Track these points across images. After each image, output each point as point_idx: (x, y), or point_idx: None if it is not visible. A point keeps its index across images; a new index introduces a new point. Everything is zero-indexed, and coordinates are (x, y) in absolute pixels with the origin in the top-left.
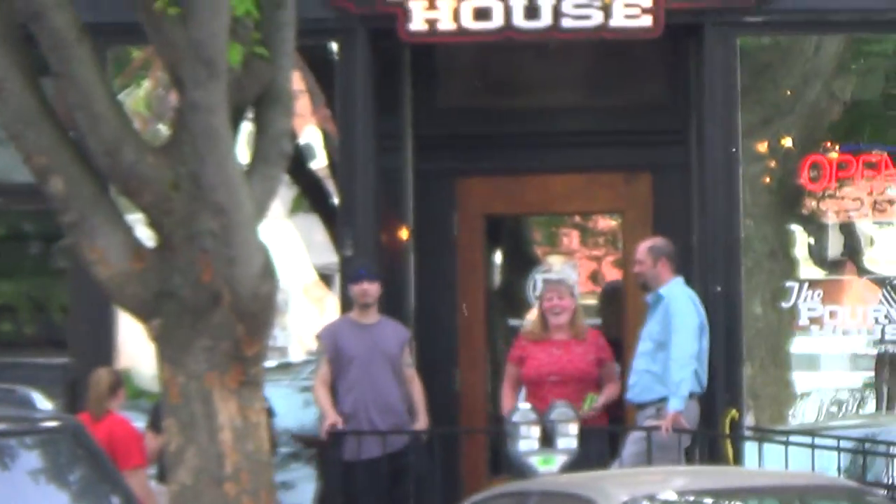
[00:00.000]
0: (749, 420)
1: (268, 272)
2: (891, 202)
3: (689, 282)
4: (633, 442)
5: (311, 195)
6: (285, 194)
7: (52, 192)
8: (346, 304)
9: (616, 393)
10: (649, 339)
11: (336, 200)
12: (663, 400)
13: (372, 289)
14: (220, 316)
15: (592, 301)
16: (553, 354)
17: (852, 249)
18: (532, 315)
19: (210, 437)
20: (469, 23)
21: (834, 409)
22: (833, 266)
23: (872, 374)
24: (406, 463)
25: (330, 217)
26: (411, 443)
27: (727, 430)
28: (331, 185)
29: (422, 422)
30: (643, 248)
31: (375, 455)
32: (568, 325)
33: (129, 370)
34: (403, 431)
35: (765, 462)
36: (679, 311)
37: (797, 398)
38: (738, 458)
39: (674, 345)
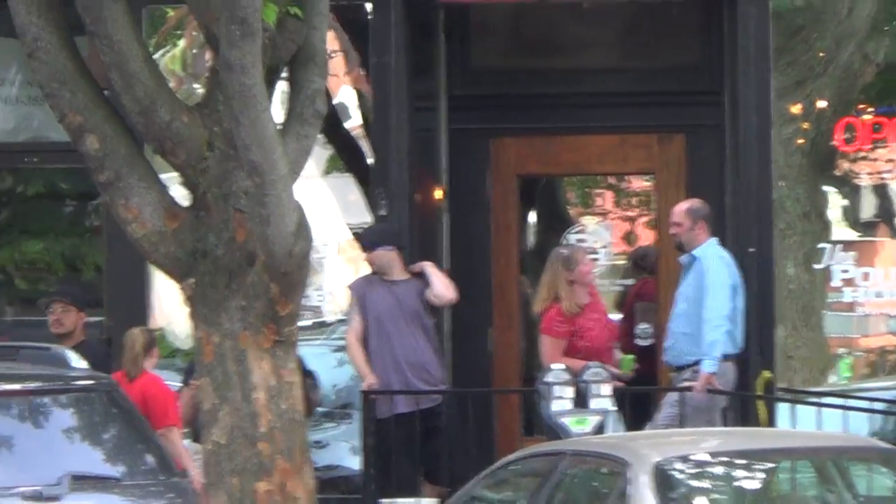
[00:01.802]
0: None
1: (302, 231)
2: None
3: (722, 243)
4: (668, 405)
5: (345, 155)
6: (320, 154)
7: (88, 150)
8: None
9: None
10: (684, 300)
11: (370, 160)
12: (700, 363)
13: (373, 257)
14: (254, 275)
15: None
16: (599, 321)
17: (885, 211)
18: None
19: (244, 396)
20: None
21: (867, 370)
22: (866, 227)
23: None
24: (439, 421)
25: (364, 177)
26: (444, 400)
27: (761, 392)
28: (365, 145)
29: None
30: (681, 209)
31: (408, 410)
32: None
33: (163, 329)
34: (438, 391)
35: (798, 424)
36: (712, 271)
37: (830, 359)
38: (771, 420)
39: (707, 305)
